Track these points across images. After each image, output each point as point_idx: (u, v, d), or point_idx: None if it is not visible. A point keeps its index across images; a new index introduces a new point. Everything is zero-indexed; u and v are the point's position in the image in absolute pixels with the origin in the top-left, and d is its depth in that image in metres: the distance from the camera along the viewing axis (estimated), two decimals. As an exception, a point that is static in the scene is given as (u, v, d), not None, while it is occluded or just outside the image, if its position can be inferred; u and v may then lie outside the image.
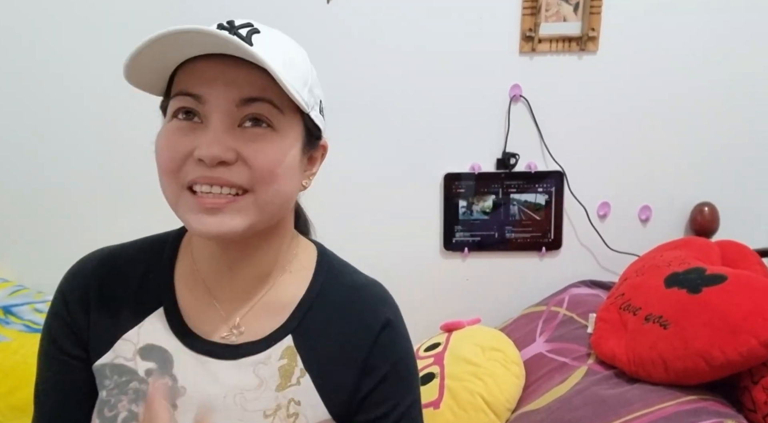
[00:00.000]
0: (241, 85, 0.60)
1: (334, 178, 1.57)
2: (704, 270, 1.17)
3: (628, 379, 1.12)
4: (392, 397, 0.71)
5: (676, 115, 1.59)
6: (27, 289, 1.59)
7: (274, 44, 0.62)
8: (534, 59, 1.57)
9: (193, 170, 0.60)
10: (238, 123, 0.61)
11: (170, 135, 0.61)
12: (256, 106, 0.61)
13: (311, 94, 0.66)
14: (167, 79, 0.64)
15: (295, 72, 0.63)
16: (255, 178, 0.61)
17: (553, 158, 1.61)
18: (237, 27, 0.62)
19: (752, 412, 1.00)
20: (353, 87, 1.58)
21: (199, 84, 0.60)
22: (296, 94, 0.61)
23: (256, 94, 0.60)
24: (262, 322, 0.70)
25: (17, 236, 1.66)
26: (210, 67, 0.60)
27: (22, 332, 1.44)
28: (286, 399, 0.68)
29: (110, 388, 0.69)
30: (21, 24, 1.56)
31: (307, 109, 0.65)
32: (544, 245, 1.65)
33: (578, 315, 1.42)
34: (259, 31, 0.62)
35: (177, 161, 0.61)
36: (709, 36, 1.55)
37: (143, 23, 1.53)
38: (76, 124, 1.59)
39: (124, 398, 0.68)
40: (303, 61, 0.66)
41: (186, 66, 0.62)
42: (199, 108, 0.61)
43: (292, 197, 0.69)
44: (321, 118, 0.70)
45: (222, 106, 0.60)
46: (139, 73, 0.62)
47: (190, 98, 0.60)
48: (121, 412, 0.68)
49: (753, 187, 1.64)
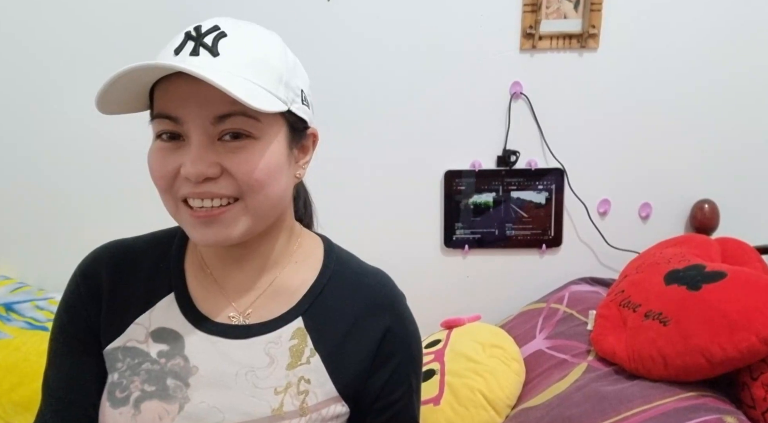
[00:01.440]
0: (214, 102, 0.60)
1: (334, 175, 1.58)
2: (704, 267, 1.18)
3: (627, 376, 1.13)
4: (406, 380, 0.76)
5: (676, 112, 1.59)
6: (28, 287, 1.60)
7: (242, 46, 0.63)
8: (534, 56, 1.57)
9: (183, 186, 0.63)
10: (218, 137, 0.63)
11: (157, 155, 0.64)
12: (231, 121, 0.62)
13: (288, 89, 0.66)
14: (147, 96, 0.66)
15: (266, 72, 0.63)
16: (242, 188, 0.63)
17: (554, 155, 1.61)
18: (203, 35, 0.62)
19: (751, 408, 1.00)
20: (354, 85, 1.58)
21: (175, 105, 0.62)
22: (266, 102, 0.61)
23: (229, 109, 0.61)
24: (271, 307, 0.73)
25: (19, 234, 1.66)
26: (183, 86, 0.61)
27: (24, 329, 1.44)
28: (296, 377, 0.70)
29: (122, 370, 0.71)
30: (21, 23, 1.56)
31: (285, 108, 0.65)
32: (545, 242, 1.66)
33: (578, 312, 1.42)
34: (226, 34, 0.63)
35: (168, 179, 0.64)
36: (709, 33, 1.55)
37: (145, 22, 1.53)
38: (78, 123, 1.59)
39: (136, 379, 0.70)
40: (276, 55, 0.66)
41: (161, 84, 0.63)
42: (178, 128, 0.63)
43: (285, 195, 0.70)
44: (305, 108, 0.70)
45: (199, 124, 0.62)
46: (115, 104, 0.64)
47: (169, 120, 0.63)
48: (134, 392, 0.69)
49: (753, 185, 1.64)
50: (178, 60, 0.61)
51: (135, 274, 0.74)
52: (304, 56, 0.63)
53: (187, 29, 0.64)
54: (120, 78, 0.59)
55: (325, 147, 0.69)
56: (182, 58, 0.61)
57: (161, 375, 0.69)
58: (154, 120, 0.64)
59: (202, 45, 0.61)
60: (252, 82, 0.61)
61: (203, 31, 0.62)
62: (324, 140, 0.77)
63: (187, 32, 0.63)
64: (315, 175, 0.81)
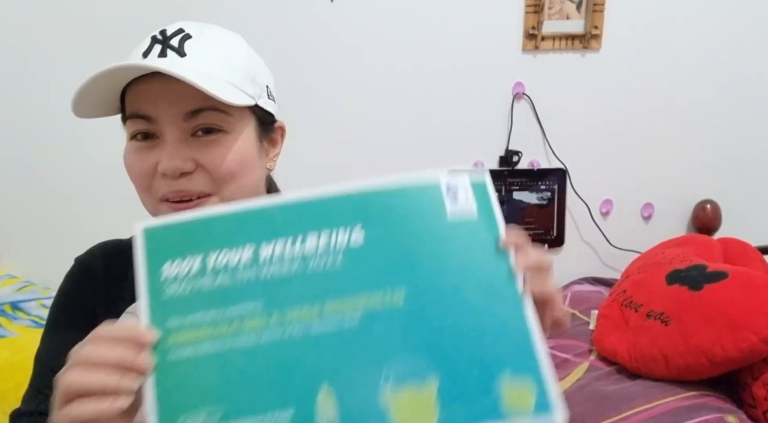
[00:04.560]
0: (184, 98, 0.62)
1: (336, 174, 1.58)
2: (705, 267, 1.18)
3: (629, 375, 1.13)
4: None
5: (678, 113, 1.60)
6: (34, 285, 1.61)
7: (208, 46, 0.65)
8: (537, 57, 1.57)
9: (161, 185, 0.65)
10: (191, 133, 0.64)
11: (134, 155, 0.66)
12: (202, 117, 0.63)
13: (255, 84, 0.68)
14: (119, 99, 0.68)
15: (233, 69, 0.65)
16: (217, 182, 0.65)
17: (556, 156, 1.61)
18: (169, 37, 0.65)
19: (752, 407, 1.01)
20: (355, 85, 1.58)
21: (146, 104, 0.64)
22: (235, 97, 0.63)
23: (199, 105, 0.63)
24: None
25: (24, 233, 1.67)
26: (153, 86, 0.63)
27: (30, 328, 1.45)
28: None
29: None
30: (20, 22, 1.57)
31: (252, 102, 0.67)
32: (547, 242, 1.66)
33: (580, 311, 1.43)
34: (191, 35, 0.65)
35: (146, 177, 0.65)
36: (712, 34, 1.55)
37: (146, 20, 1.54)
38: (83, 122, 1.59)
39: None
40: (241, 53, 0.68)
41: (132, 86, 0.65)
42: (152, 127, 0.64)
43: (259, 185, 0.72)
44: (271, 103, 0.72)
45: (171, 121, 0.63)
46: (90, 108, 0.67)
47: (141, 120, 0.64)
48: None
49: (755, 185, 1.64)
50: (148, 62, 0.63)
51: (127, 269, 0.75)
52: (304, 56, 0.64)
53: (153, 33, 0.66)
54: (95, 81, 0.61)
55: (326, 147, 0.70)
56: (151, 60, 0.63)
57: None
58: (128, 121, 0.66)
59: (169, 47, 0.64)
60: (220, 78, 0.64)
61: (169, 34, 0.65)
62: (325, 140, 0.78)
63: (153, 36, 0.65)
64: (316, 174, 0.82)
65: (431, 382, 0.45)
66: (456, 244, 0.49)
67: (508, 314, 0.47)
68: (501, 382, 0.45)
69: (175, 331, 0.46)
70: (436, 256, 0.49)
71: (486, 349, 0.46)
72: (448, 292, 0.47)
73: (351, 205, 0.49)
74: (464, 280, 0.48)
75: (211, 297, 0.47)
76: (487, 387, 0.45)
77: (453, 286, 0.48)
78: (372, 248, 0.48)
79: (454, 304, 0.47)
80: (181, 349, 0.46)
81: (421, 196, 0.51)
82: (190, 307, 0.47)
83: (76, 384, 0.45)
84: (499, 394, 0.45)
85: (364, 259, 0.48)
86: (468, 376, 0.45)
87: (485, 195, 0.53)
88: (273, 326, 0.46)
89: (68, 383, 0.46)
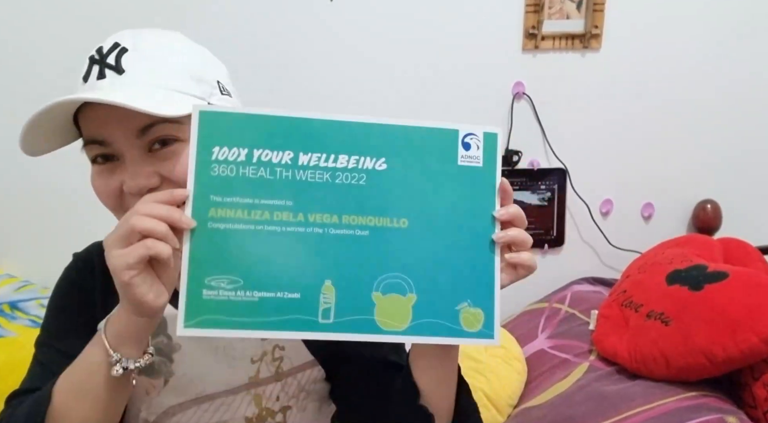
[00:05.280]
0: (132, 117, 0.61)
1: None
2: (706, 267, 1.18)
3: (629, 376, 1.13)
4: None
5: (679, 112, 1.60)
6: (33, 285, 1.61)
7: (145, 57, 0.65)
8: (537, 57, 1.57)
9: (132, 203, 0.64)
10: (148, 149, 0.64)
11: (98, 179, 0.67)
12: (155, 131, 0.63)
13: (202, 83, 0.67)
14: (73, 126, 0.68)
15: (175, 74, 0.65)
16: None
17: (556, 156, 1.61)
18: (105, 55, 0.65)
19: (753, 408, 1.01)
20: (355, 85, 1.58)
21: (97, 129, 0.64)
22: (179, 105, 0.61)
23: (149, 120, 0.62)
24: None
25: (23, 232, 1.67)
26: (99, 110, 0.63)
27: (29, 327, 1.45)
28: (270, 346, 0.75)
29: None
30: (20, 22, 1.57)
31: (201, 103, 0.65)
32: (547, 242, 1.66)
33: (580, 312, 1.43)
34: (127, 49, 0.64)
35: (114, 198, 0.66)
36: (712, 33, 1.55)
37: (147, 20, 1.54)
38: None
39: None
40: (182, 54, 0.67)
41: (81, 112, 0.65)
42: (109, 150, 0.64)
43: None
44: (226, 98, 0.71)
45: (125, 141, 0.63)
46: (45, 143, 0.68)
47: (97, 145, 0.64)
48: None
49: (755, 185, 1.64)
50: (88, 87, 0.64)
51: None
52: (304, 57, 0.64)
53: (90, 54, 0.66)
54: (34, 123, 0.62)
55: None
56: (91, 85, 0.64)
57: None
58: (85, 147, 0.66)
59: (107, 66, 0.64)
60: (163, 88, 0.63)
61: (105, 52, 0.65)
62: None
63: (91, 57, 0.66)
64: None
65: (411, 297, 0.58)
66: (458, 186, 0.60)
67: (480, 255, 0.59)
68: (461, 308, 0.59)
69: (214, 206, 0.55)
70: (439, 194, 0.59)
71: (456, 280, 0.59)
72: (441, 227, 0.59)
73: (382, 134, 0.59)
74: (456, 219, 0.59)
75: (250, 185, 0.56)
76: (450, 311, 0.58)
77: (446, 223, 0.59)
78: (390, 176, 0.58)
79: (442, 238, 0.59)
80: (218, 222, 0.55)
81: (439, 139, 0.61)
82: (232, 189, 0.56)
83: (144, 225, 0.52)
84: (458, 317, 0.58)
85: (382, 184, 0.58)
86: (439, 299, 0.58)
87: (493, 147, 0.62)
88: (297, 224, 0.57)
89: (135, 223, 0.53)
